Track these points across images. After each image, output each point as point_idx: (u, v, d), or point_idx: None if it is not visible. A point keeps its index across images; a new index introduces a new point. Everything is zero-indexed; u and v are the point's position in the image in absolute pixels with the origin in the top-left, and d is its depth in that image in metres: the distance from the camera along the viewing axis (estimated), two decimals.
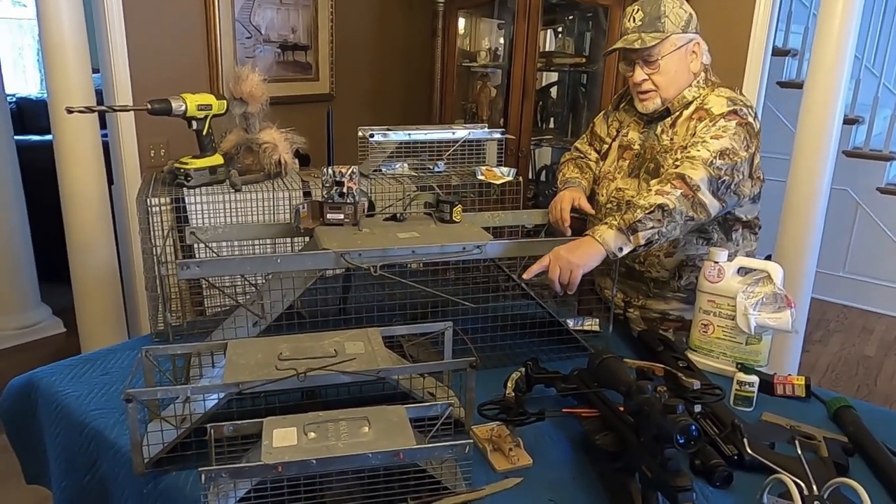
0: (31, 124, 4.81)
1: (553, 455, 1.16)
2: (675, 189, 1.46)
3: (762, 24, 2.77)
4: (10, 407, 1.43)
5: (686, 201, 1.46)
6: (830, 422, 1.31)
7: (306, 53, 3.29)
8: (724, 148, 1.50)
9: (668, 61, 1.59)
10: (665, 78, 1.60)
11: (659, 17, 1.57)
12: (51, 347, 3.36)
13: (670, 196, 1.45)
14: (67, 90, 2.37)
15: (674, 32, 1.57)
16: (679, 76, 1.61)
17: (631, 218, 1.43)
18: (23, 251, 3.37)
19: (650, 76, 1.60)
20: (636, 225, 1.43)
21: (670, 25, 1.57)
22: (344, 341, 1.19)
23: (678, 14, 1.58)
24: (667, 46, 1.57)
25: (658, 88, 1.61)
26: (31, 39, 6.46)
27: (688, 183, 1.46)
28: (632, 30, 1.59)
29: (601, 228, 1.45)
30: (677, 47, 1.58)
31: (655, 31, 1.57)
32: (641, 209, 1.44)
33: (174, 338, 1.42)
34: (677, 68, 1.60)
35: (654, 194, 1.47)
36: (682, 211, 1.46)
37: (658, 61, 1.58)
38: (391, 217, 1.51)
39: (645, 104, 1.64)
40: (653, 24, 1.57)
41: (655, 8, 1.58)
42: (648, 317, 1.74)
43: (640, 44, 1.57)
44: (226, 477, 0.92)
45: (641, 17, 1.58)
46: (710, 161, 1.48)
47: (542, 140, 3.34)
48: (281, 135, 1.67)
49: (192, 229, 1.51)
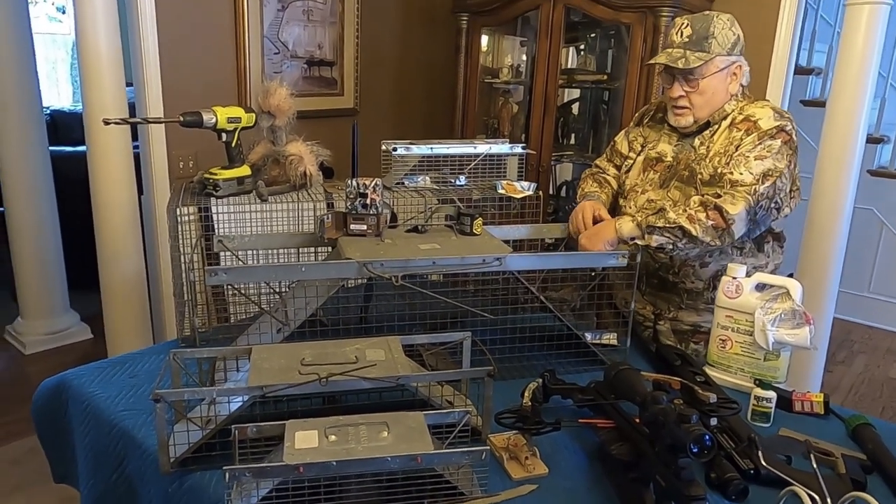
0: (64, 136, 4.94)
1: (569, 464, 1.17)
2: (708, 220, 1.51)
3: (784, 42, 2.78)
4: (42, 407, 1.47)
5: (714, 232, 1.52)
6: (849, 439, 1.30)
7: (332, 69, 3.36)
8: (766, 170, 1.53)
9: (709, 82, 1.59)
10: (702, 98, 1.60)
11: (707, 38, 1.56)
12: (78, 353, 3.43)
13: (699, 225, 1.51)
14: (102, 103, 2.44)
15: (719, 54, 1.57)
16: (716, 97, 1.61)
17: (653, 221, 1.53)
18: (54, 259, 3.45)
19: (688, 94, 1.61)
20: (653, 229, 1.52)
21: (716, 47, 1.56)
22: (365, 349, 1.21)
23: (726, 36, 1.57)
24: (710, 68, 1.57)
25: (693, 107, 1.62)
26: (65, 54, 6.65)
27: (724, 217, 1.51)
28: (678, 44, 1.58)
29: (625, 219, 1.57)
30: (720, 69, 1.58)
31: (701, 50, 1.56)
32: (665, 220, 1.52)
33: (200, 342, 1.46)
34: (716, 90, 1.60)
35: (684, 217, 1.52)
36: (706, 240, 1.53)
37: (699, 80, 1.58)
38: (413, 229, 1.54)
39: (678, 119, 1.65)
40: (699, 44, 1.56)
41: (705, 27, 1.56)
42: (679, 329, 1.73)
43: (683, 63, 1.56)
44: (249, 476, 0.95)
45: (690, 33, 1.57)
46: (752, 189, 1.52)
47: (563, 156, 3.35)
48: (307, 147, 1.70)
49: (219, 238, 1.55)
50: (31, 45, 3.21)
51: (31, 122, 3.26)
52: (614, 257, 1.45)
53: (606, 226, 1.61)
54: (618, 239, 1.56)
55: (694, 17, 1.59)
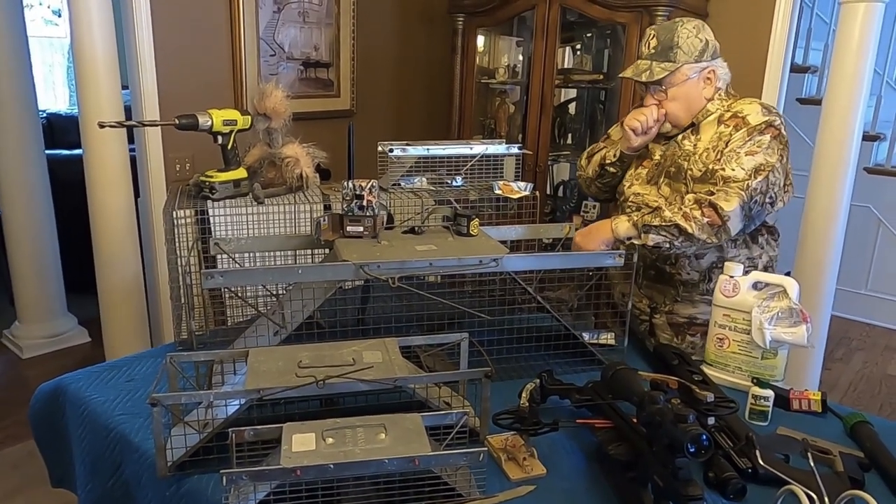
0: (60, 139, 4.94)
1: (567, 465, 1.17)
2: (703, 217, 1.52)
3: (780, 40, 2.78)
4: (39, 411, 1.47)
5: (710, 229, 1.53)
6: (847, 437, 1.30)
7: (328, 70, 3.36)
8: (758, 164, 1.54)
9: (679, 91, 1.60)
10: (675, 104, 1.62)
11: (671, 47, 1.57)
12: (76, 356, 3.43)
13: (695, 223, 1.52)
14: (98, 106, 2.44)
15: (686, 62, 1.58)
16: (691, 103, 1.63)
17: (649, 221, 1.54)
18: (51, 262, 3.45)
19: (660, 102, 1.63)
20: (649, 228, 1.54)
21: (682, 55, 1.57)
22: (362, 350, 1.21)
23: (692, 44, 1.58)
24: (677, 77, 1.59)
25: (667, 114, 1.64)
26: (62, 57, 6.64)
27: (719, 214, 1.52)
28: (645, 56, 1.61)
29: (621, 218, 1.58)
30: (688, 77, 1.59)
31: (667, 60, 1.58)
32: (662, 219, 1.54)
33: (197, 346, 1.45)
34: (688, 96, 1.62)
35: (680, 216, 1.53)
36: (702, 238, 1.54)
37: (667, 90, 1.60)
38: (409, 230, 1.54)
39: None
40: (665, 54, 1.58)
41: (669, 37, 1.58)
42: (675, 322, 1.74)
43: (647, 76, 1.59)
44: (246, 480, 0.95)
45: (655, 44, 1.59)
46: (745, 185, 1.52)
47: (560, 156, 3.36)
48: (303, 149, 1.70)
49: (216, 240, 1.55)
50: (26, 49, 3.21)
51: (27, 126, 3.26)
52: (611, 257, 1.45)
53: (602, 225, 1.61)
54: (614, 238, 1.57)
55: (660, 28, 1.61)
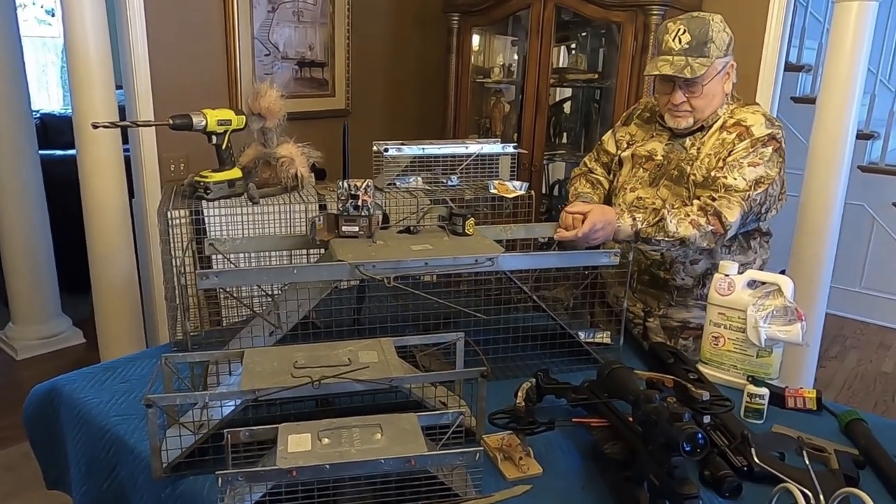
0: (54, 139, 4.92)
1: (563, 464, 1.17)
2: (708, 224, 1.54)
3: (774, 39, 2.79)
4: (33, 413, 1.46)
5: (712, 237, 1.55)
6: (842, 435, 1.31)
7: (323, 70, 3.35)
8: (759, 177, 1.56)
9: (710, 86, 1.59)
10: (703, 101, 1.61)
11: (706, 43, 1.55)
12: (71, 357, 3.41)
13: (699, 231, 1.54)
14: (92, 106, 2.43)
15: (718, 57, 1.57)
16: (716, 98, 1.62)
17: (652, 234, 1.54)
18: (45, 263, 3.44)
19: (689, 98, 1.60)
20: (650, 240, 1.54)
21: (715, 50, 1.56)
22: (358, 351, 1.21)
23: (722, 38, 1.57)
24: (710, 72, 1.57)
25: (694, 110, 1.62)
26: (55, 57, 6.62)
27: (723, 223, 1.54)
28: (677, 52, 1.56)
29: (626, 220, 1.55)
30: (718, 72, 1.59)
31: (702, 56, 1.55)
32: (665, 234, 1.54)
33: (192, 346, 1.45)
34: (715, 91, 1.61)
35: (687, 223, 1.54)
36: (702, 245, 1.56)
37: (701, 86, 1.58)
38: (405, 230, 1.54)
39: (678, 121, 1.65)
40: (699, 49, 1.55)
41: (703, 32, 1.55)
42: (669, 325, 1.75)
43: (690, 72, 1.54)
44: (242, 481, 0.95)
45: (688, 39, 1.55)
46: (746, 195, 1.54)
47: (556, 155, 3.36)
48: (298, 149, 1.70)
49: (210, 241, 1.54)
50: (19, 49, 3.19)
51: (20, 126, 3.24)
52: (606, 256, 1.45)
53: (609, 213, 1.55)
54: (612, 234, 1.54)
55: (689, 22, 1.57)
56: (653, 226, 1.54)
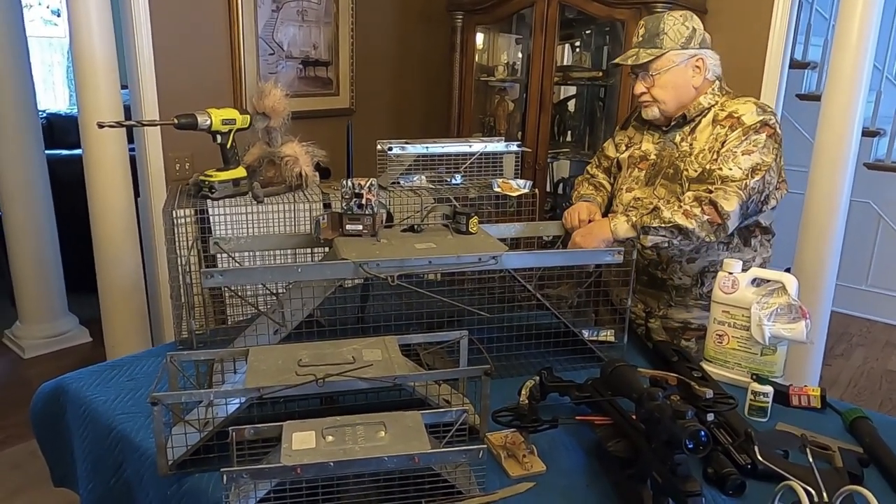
0: (60, 139, 4.94)
1: (566, 462, 1.17)
2: (703, 214, 1.54)
3: (779, 36, 2.78)
4: (40, 411, 1.47)
5: (709, 227, 1.55)
6: (846, 433, 1.31)
7: (327, 69, 3.36)
8: (755, 164, 1.56)
9: (666, 76, 1.64)
10: (663, 91, 1.65)
11: (658, 34, 1.63)
12: (77, 356, 3.43)
13: (695, 220, 1.54)
14: (97, 106, 2.44)
15: (672, 49, 1.62)
16: (680, 91, 1.66)
17: (648, 221, 1.55)
18: (52, 262, 3.45)
19: (648, 89, 1.67)
20: (649, 229, 1.55)
21: (668, 42, 1.62)
22: (362, 349, 1.21)
23: (678, 31, 1.62)
24: (663, 62, 1.63)
25: (656, 101, 1.67)
26: (61, 57, 6.64)
27: (719, 212, 1.54)
28: (634, 45, 1.67)
29: (619, 219, 1.59)
30: (675, 63, 1.63)
31: (653, 47, 1.63)
32: (661, 220, 1.55)
33: (198, 345, 1.46)
34: (676, 83, 1.65)
35: (680, 213, 1.55)
36: (701, 235, 1.55)
37: (654, 76, 1.64)
38: (409, 228, 1.54)
39: (645, 111, 1.71)
40: (651, 41, 1.64)
41: (656, 25, 1.64)
42: (670, 326, 1.75)
43: (633, 60, 1.64)
44: (247, 478, 0.95)
45: (643, 32, 1.65)
46: (743, 184, 1.54)
47: (560, 153, 3.36)
48: (302, 148, 1.70)
49: (215, 240, 1.55)
50: (25, 49, 3.21)
51: (27, 126, 3.25)
52: (610, 254, 1.45)
53: (601, 224, 1.62)
54: (613, 239, 1.58)
55: (649, 18, 1.67)
56: (647, 215, 1.57)
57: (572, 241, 1.63)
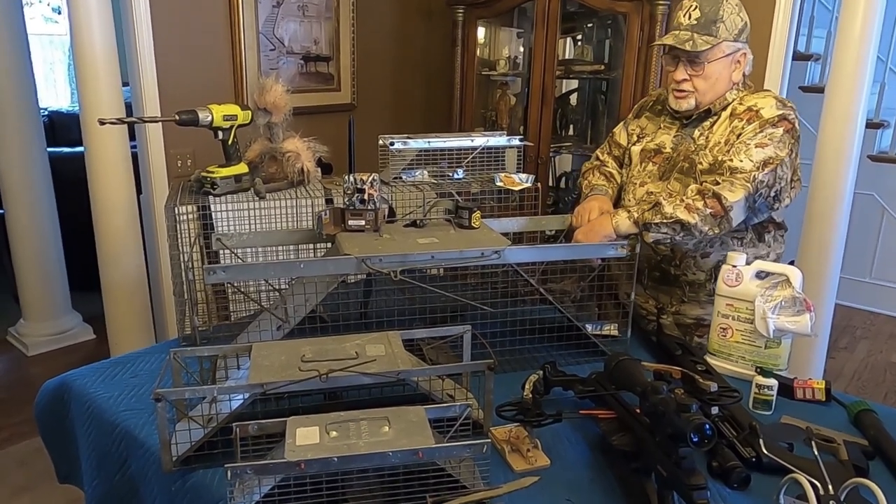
0: (62, 137, 4.94)
1: (570, 456, 1.17)
2: (706, 207, 1.50)
3: (782, 28, 2.76)
4: (44, 408, 1.48)
5: (713, 220, 1.51)
6: (851, 426, 1.30)
7: (328, 64, 3.35)
8: (767, 157, 1.51)
9: (713, 67, 1.57)
10: (706, 83, 1.59)
11: (715, 21, 1.54)
12: (81, 353, 3.44)
13: (697, 214, 1.50)
14: (99, 103, 2.44)
15: (726, 39, 1.55)
16: (719, 83, 1.60)
17: (650, 217, 1.51)
18: (55, 260, 3.46)
19: (691, 77, 1.59)
20: (650, 225, 1.51)
21: (724, 31, 1.55)
22: (365, 344, 1.21)
23: (734, 21, 1.56)
24: (716, 52, 1.56)
25: (696, 91, 1.60)
26: (63, 55, 6.63)
27: (722, 204, 1.49)
28: (685, 26, 1.56)
29: (621, 214, 1.55)
30: (725, 54, 1.57)
31: (709, 34, 1.54)
32: (662, 216, 1.51)
33: (201, 341, 1.46)
34: (719, 75, 1.59)
35: (682, 207, 1.51)
36: (704, 229, 1.51)
37: (704, 65, 1.57)
38: (411, 223, 1.54)
39: (679, 102, 1.63)
40: (708, 27, 1.55)
41: (714, 10, 1.55)
42: (683, 322, 1.73)
43: (690, 45, 1.54)
44: (251, 474, 0.95)
45: (698, 16, 1.55)
46: (751, 176, 1.50)
47: (562, 147, 3.35)
48: (304, 144, 1.70)
49: (218, 236, 1.55)
50: (26, 47, 3.21)
51: (28, 124, 3.26)
52: (613, 248, 1.45)
53: (603, 220, 1.59)
54: (615, 235, 1.55)
55: (703, 0, 1.57)
56: (649, 211, 1.54)
57: (574, 238, 1.60)
